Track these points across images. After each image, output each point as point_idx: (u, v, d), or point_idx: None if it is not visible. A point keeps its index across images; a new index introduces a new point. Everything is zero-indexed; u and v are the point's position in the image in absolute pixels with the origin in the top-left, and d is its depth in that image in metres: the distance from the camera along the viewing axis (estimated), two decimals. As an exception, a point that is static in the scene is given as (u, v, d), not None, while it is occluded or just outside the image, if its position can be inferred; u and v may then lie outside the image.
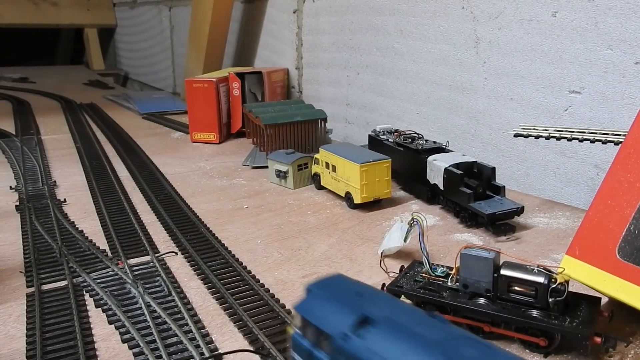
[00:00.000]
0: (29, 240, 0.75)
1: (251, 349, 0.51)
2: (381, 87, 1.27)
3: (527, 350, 0.50)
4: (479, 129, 1.05)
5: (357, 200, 0.86)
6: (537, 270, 0.50)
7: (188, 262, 0.69)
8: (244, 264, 0.68)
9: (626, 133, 0.55)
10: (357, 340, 0.33)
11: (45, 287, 0.63)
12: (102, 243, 0.75)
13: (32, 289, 0.62)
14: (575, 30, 0.86)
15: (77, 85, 2.52)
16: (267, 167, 1.05)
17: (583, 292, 0.52)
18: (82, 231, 0.79)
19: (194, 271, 0.67)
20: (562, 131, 0.78)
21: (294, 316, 0.43)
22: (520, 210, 0.77)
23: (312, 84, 1.54)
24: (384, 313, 0.34)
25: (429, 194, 0.89)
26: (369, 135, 1.06)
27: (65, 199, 0.92)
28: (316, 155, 0.98)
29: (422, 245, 0.58)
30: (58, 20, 3.02)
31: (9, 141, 1.33)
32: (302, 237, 0.78)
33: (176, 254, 0.72)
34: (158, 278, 0.64)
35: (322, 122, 1.22)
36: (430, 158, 0.87)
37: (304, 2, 1.50)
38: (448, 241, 0.75)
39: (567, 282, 0.49)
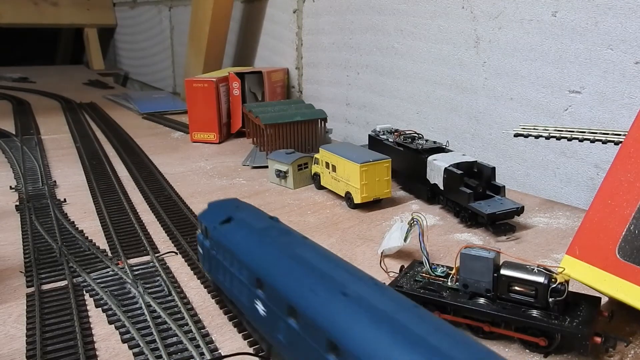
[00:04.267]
0: (29, 240, 0.75)
1: (250, 351, 0.51)
2: (381, 87, 1.27)
3: (527, 350, 0.50)
4: (479, 128, 1.05)
5: (357, 200, 0.86)
6: (537, 270, 0.50)
7: (188, 262, 0.69)
8: (244, 264, 0.68)
9: (626, 133, 0.55)
10: (219, 229, 0.53)
11: (45, 287, 0.63)
12: (102, 243, 0.75)
13: (32, 289, 0.62)
14: (575, 30, 0.86)
15: (77, 85, 2.52)
16: (267, 167, 1.05)
17: (583, 292, 0.52)
18: (82, 231, 0.79)
19: (194, 271, 0.67)
20: (562, 131, 0.78)
21: (198, 222, 0.59)
22: (520, 210, 0.77)
23: (312, 83, 1.54)
24: (242, 216, 0.54)
25: (429, 194, 0.89)
26: (369, 135, 1.06)
27: (65, 199, 0.92)
28: (316, 155, 0.98)
29: (422, 245, 0.58)
30: (58, 20, 3.02)
31: (9, 141, 1.33)
32: (302, 237, 0.77)
33: (176, 254, 0.72)
34: (158, 278, 0.64)
35: (322, 122, 1.22)
36: (430, 158, 0.87)
37: (304, 2, 1.50)
38: (448, 241, 0.75)
39: (567, 282, 0.49)
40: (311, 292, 0.39)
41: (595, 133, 0.74)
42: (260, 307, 0.45)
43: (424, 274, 0.57)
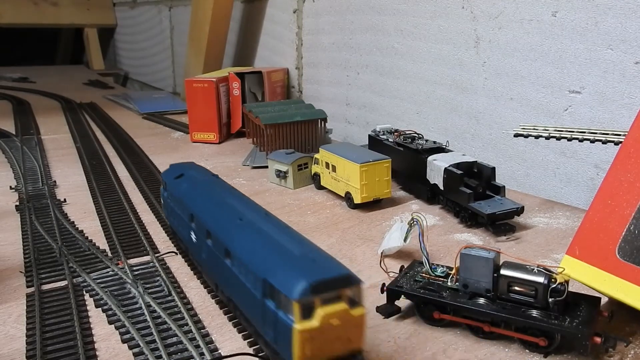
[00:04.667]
0: (29, 240, 0.75)
1: (250, 351, 0.51)
2: (381, 87, 1.27)
3: (527, 350, 0.50)
4: (479, 128, 1.05)
5: (357, 200, 0.86)
6: (537, 270, 0.50)
7: (188, 262, 0.69)
8: (244, 264, 0.68)
9: (626, 133, 0.55)
10: (173, 182, 0.69)
11: (45, 287, 0.63)
12: (102, 243, 0.75)
13: (32, 289, 0.62)
14: (575, 30, 0.86)
15: (77, 85, 2.52)
16: (267, 167, 1.05)
17: (583, 292, 0.52)
18: (82, 231, 0.79)
19: (194, 271, 0.67)
20: (562, 131, 0.78)
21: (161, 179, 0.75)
22: (520, 210, 0.77)
23: (312, 83, 1.54)
24: (191, 173, 0.70)
25: (429, 194, 0.89)
26: (369, 135, 1.06)
27: (65, 199, 0.92)
28: (316, 155, 0.98)
29: (422, 245, 0.58)
30: (58, 20, 3.02)
31: (9, 141, 1.33)
32: (302, 237, 0.77)
33: (176, 254, 0.72)
34: (158, 278, 0.64)
35: (322, 122, 1.22)
36: (430, 158, 0.87)
37: (304, 2, 1.50)
38: (448, 241, 0.75)
39: (567, 282, 0.49)
40: (220, 220, 0.56)
41: (595, 133, 0.74)
42: (193, 237, 0.62)
43: (424, 274, 0.57)
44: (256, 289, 0.45)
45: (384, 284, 0.56)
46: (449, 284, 0.55)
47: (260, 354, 0.50)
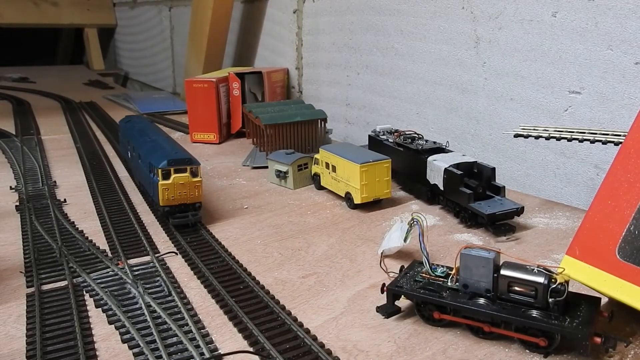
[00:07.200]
0: (29, 240, 0.75)
1: (251, 350, 0.51)
2: (381, 87, 1.27)
3: (527, 351, 0.50)
4: (479, 129, 1.05)
5: (357, 200, 0.86)
6: (537, 270, 0.50)
7: (188, 262, 0.69)
8: (243, 266, 0.68)
9: (626, 133, 0.55)
10: (124, 125, 1.09)
11: (45, 287, 0.63)
12: (102, 243, 0.75)
13: (32, 289, 0.62)
14: (575, 30, 0.86)
15: (77, 85, 2.52)
16: (267, 167, 1.05)
17: (583, 292, 0.52)
18: (82, 231, 0.79)
19: (194, 271, 0.67)
20: (562, 131, 0.78)
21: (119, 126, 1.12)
22: (520, 210, 0.77)
23: (312, 84, 1.54)
24: (135, 120, 1.10)
25: (429, 194, 0.89)
26: (369, 136, 1.06)
27: (65, 199, 0.92)
28: (316, 156, 0.98)
29: (422, 245, 0.58)
30: (58, 20, 3.01)
31: (9, 141, 1.33)
32: (302, 237, 0.78)
33: (176, 254, 0.72)
34: (158, 278, 0.64)
35: (322, 122, 1.22)
36: (430, 158, 0.87)
37: (304, 2, 1.50)
38: (448, 241, 0.75)
39: (567, 282, 0.49)
40: (139, 141, 0.92)
41: (595, 133, 0.74)
42: (129, 154, 1.01)
43: (424, 274, 0.57)
44: (147, 169, 0.82)
45: (384, 284, 0.56)
46: (449, 284, 0.55)
47: (260, 352, 0.50)
